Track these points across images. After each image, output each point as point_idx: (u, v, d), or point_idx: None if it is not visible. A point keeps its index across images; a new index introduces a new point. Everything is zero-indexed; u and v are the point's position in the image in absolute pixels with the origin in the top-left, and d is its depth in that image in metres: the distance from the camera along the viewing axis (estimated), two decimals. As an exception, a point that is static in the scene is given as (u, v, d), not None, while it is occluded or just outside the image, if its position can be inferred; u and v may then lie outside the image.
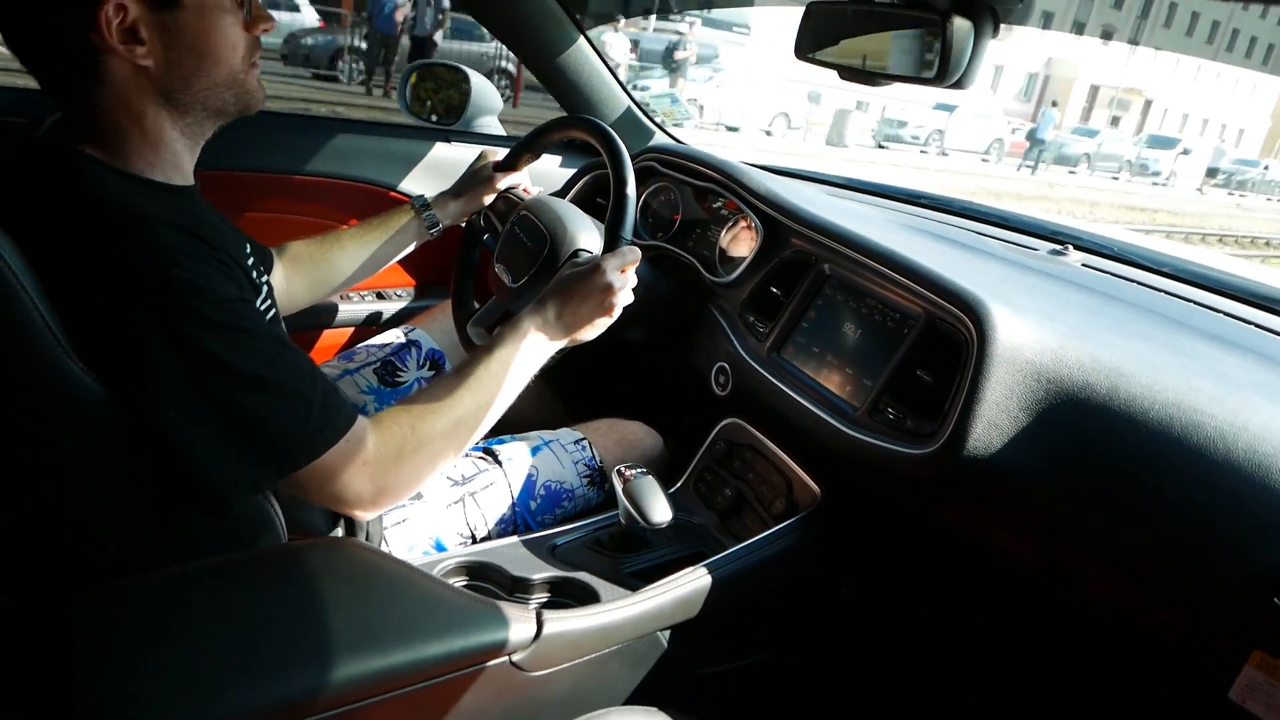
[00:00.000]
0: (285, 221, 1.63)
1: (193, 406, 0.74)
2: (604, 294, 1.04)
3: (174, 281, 0.73)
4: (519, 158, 1.41)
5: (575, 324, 1.04)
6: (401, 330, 1.55)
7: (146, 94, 0.80)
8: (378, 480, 0.85)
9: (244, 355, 0.76)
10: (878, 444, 1.03)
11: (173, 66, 0.80)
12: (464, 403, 0.93)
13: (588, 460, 1.27)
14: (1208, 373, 0.95)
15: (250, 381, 0.77)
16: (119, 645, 0.70)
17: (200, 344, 0.74)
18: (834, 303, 1.21)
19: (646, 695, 0.98)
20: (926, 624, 1.29)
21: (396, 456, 0.86)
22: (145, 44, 0.77)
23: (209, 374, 0.75)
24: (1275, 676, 0.76)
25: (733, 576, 1.06)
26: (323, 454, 0.81)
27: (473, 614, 0.84)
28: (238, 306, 0.78)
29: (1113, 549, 0.89)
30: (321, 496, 0.85)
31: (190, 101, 0.83)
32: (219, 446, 0.75)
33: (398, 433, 0.87)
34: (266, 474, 0.79)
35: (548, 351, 1.04)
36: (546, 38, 1.71)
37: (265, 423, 0.77)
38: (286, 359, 0.81)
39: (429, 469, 0.90)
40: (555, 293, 1.05)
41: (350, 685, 0.73)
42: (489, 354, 0.98)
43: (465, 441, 0.94)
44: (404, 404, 0.92)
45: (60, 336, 0.70)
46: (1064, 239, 1.49)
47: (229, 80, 0.84)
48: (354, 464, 0.83)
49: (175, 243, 0.75)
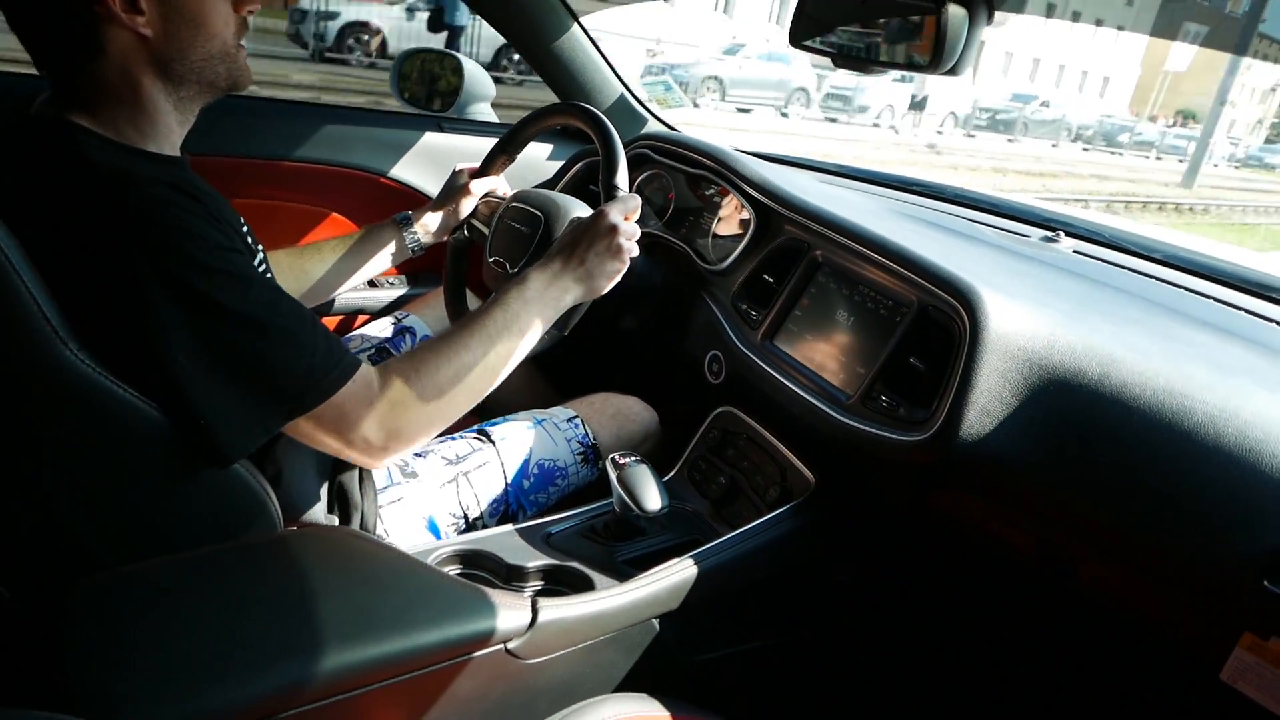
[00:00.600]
0: (275, 208, 1.62)
1: (199, 352, 0.75)
2: (610, 236, 1.04)
3: (166, 229, 0.75)
4: (494, 162, 1.40)
5: (586, 274, 1.04)
6: (396, 316, 1.55)
7: (144, 64, 0.82)
8: (387, 424, 0.86)
9: (242, 300, 0.77)
10: (871, 431, 1.03)
11: (170, 37, 0.82)
12: (472, 351, 0.93)
13: (581, 438, 1.27)
14: (1199, 359, 0.96)
15: (252, 325, 0.78)
16: (112, 634, 0.70)
17: (198, 289, 0.75)
18: (827, 290, 1.21)
19: (641, 682, 0.99)
20: (920, 610, 1.30)
21: (404, 401, 0.87)
22: (144, 14, 0.80)
23: (209, 319, 0.76)
24: (1265, 658, 0.77)
25: (727, 564, 1.06)
26: (331, 395, 0.81)
27: (468, 602, 0.85)
28: (231, 255, 0.79)
29: (1105, 534, 0.89)
30: (331, 441, 0.85)
31: (185, 72, 0.85)
32: (228, 391, 0.76)
33: (405, 377, 0.88)
34: (276, 417, 0.80)
35: (561, 304, 1.03)
36: (540, 24, 1.70)
37: (271, 365, 0.78)
38: (285, 305, 0.82)
39: (438, 415, 0.91)
40: (560, 247, 1.05)
41: (345, 673, 0.74)
42: (497, 305, 0.98)
43: (473, 391, 0.94)
44: (410, 353, 0.92)
45: (55, 323, 0.70)
46: (1056, 225, 1.49)
47: (222, 53, 0.87)
48: (362, 407, 0.84)
49: (165, 195, 0.77)
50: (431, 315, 1.54)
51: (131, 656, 0.68)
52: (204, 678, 0.69)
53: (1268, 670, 0.77)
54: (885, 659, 1.34)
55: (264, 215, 1.39)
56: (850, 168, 1.90)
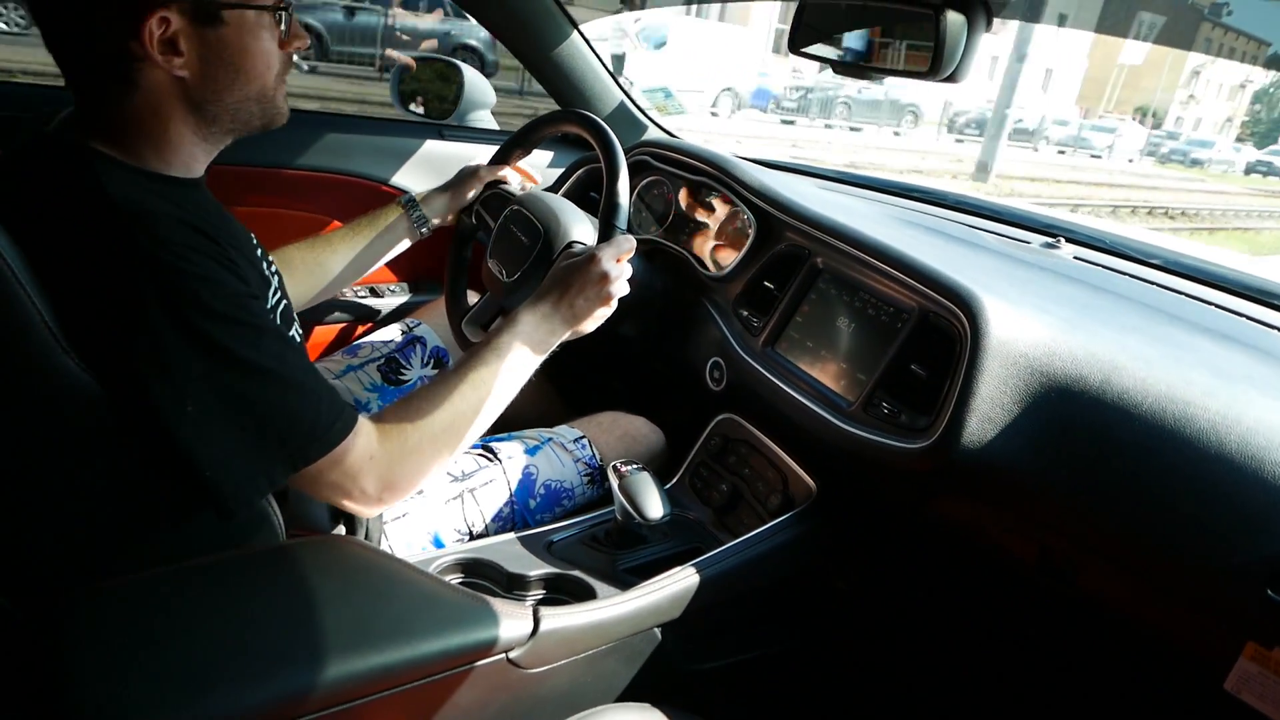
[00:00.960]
0: (276, 215, 1.62)
1: (208, 401, 0.74)
2: (600, 283, 1.04)
3: (182, 274, 0.73)
4: (509, 154, 1.40)
5: (574, 316, 1.04)
6: (406, 324, 1.55)
7: (177, 101, 0.81)
8: (384, 476, 0.86)
9: (254, 350, 0.77)
10: (872, 438, 1.03)
11: (208, 80, 0.81)
12: (466, 399, 0.93)
13: (588, 459, 1.27)
14: (1200, 365, 0.95)
15: (263, 376, 0.77)
16: (111, 644, 0.69)
17: (211, 337, 0.74)
18: (828, 297, 1.21)
19: (643, 692, 0.98)
20: (922, 618, 1.30)
21: (400, 452, 0.87)
22: (183, 55, 0.78)
23: (221, 368, 0.75)
24: (1268, 667, 0.77)
25: (729, 572, 1.06)
26: (334, 448, 0.81)
27: (469, 611, 0.84)
28: (246, 302, 0.78)
29: (1106, 542, 0.89)
30: (329, 492, 0.85)
31: (219, 112, 0.84)
32: (233, 442, 0.76)
33: (401, 429, 0.88)
34: (281, 468, 0.79)
35: (548, 345, 1.03)
36: (540, 32, 1.71)
37: (279, 417, 0.78)
38: (292, 356, 0.81)
39: (432, 464, 0.91)
40: (552, 286, 1.05)
41: (346, 683, 0.73)
42: (488, 349, 0.98)
43: (467, 437, 0.94)
44: (404, 401, 0.92)
45: (57, 332, 0.70)
46: (1056, 232, 1.49)
47: (259, 95, 0.86)
48: (361, 459, 0.84)
49: (183, 238, 0.75)
50: (441, 323, 1.54)
51: (130, 666, 0.68)
52: (203, 687, 0.68)
53: (1271, 680, 0.76)
54: (887, 667, 1.33)
55: (265, 223, 1.38)
56: (850, 174, 1.90)
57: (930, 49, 1.00)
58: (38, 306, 0.69)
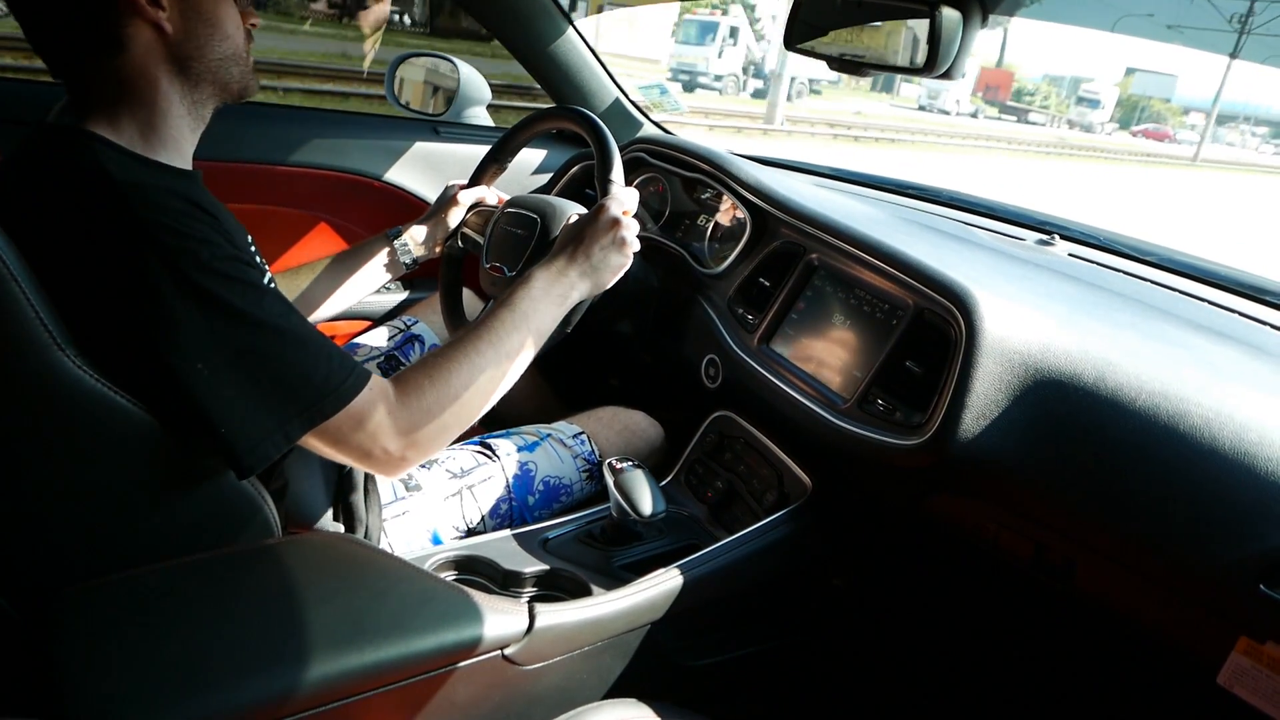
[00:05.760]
0: (270, 212, 1.61)
1: (218, 360, 0.75)
2: (613, 229, 1.04)
3: (182, 236, 0.75)
4: (485, 172, 1.39)
5: (591, 269, 1.04)
6: (404, 322, 1.54)
7: (163, 62, 0.83)
8: (405, 432, 0.86)
9: (258, 307, 0.77)
10: (867, 435, 1.03)
11: (189, 35, 0.84)
12: (484, 355, 0.93)
13: (587, 455, 1.27)
14: (1194, 362, 0.96)
15: (269, 331, 0.77)
16: (105, 641, 0.69)
17: (215, 293, 0.75)
18: (823, 294, 1.21)
19: (638, 688, 0.98)
20: (918, 615, 1.30)
21: (420, 410, 0.87)
22: (166, 10, 0.81)
23: (229, 324, 0.75)
24: (1261, 662, 0.77)
25: (724, 569, 1.06)
26: (349, 403, 0.81)
27: (464, 608, 0.84)
28: (244, 266, 0.79)
29: (1101, 538, 0.89)
30: (350, 452, 0.85)
31: (202, 71, 0.86)
32: (247, 398, 0.76)
33: (419, 387, 0.88)
34: (296, 424, 0.79)
35: (567, 300, 1.03)
36: (535, 28, 1.70)
37: (290, 370, 0.78)
38: (296, 316, 0.82)
39: (454, 422, 0.91)
40: (564, 244, 1.05)
41: (341, 680, 0.73)
42: (504, 306, 0.97)
43: (487, 395, 0.94)
44: (422, 362, 0.92)
45: (52, 329, 0.69)
46: (1051, 229, 1.49)
47: (235, 55, 0.88)
48: (380, 414, 0.84)
49: (179, 207, 0.76)
50: (439, 321, 1.53)
51: (124, 663, 0.68)
52: (197, 684, 0.68)
53: (1264, 674, 0.77)
54: (882, 663, 1.33)
55: (259, 220, 1.38)
56: (846, 171, 1.90)
57: (925, 45, 1.00)
58: (34, 306, 0.68)
